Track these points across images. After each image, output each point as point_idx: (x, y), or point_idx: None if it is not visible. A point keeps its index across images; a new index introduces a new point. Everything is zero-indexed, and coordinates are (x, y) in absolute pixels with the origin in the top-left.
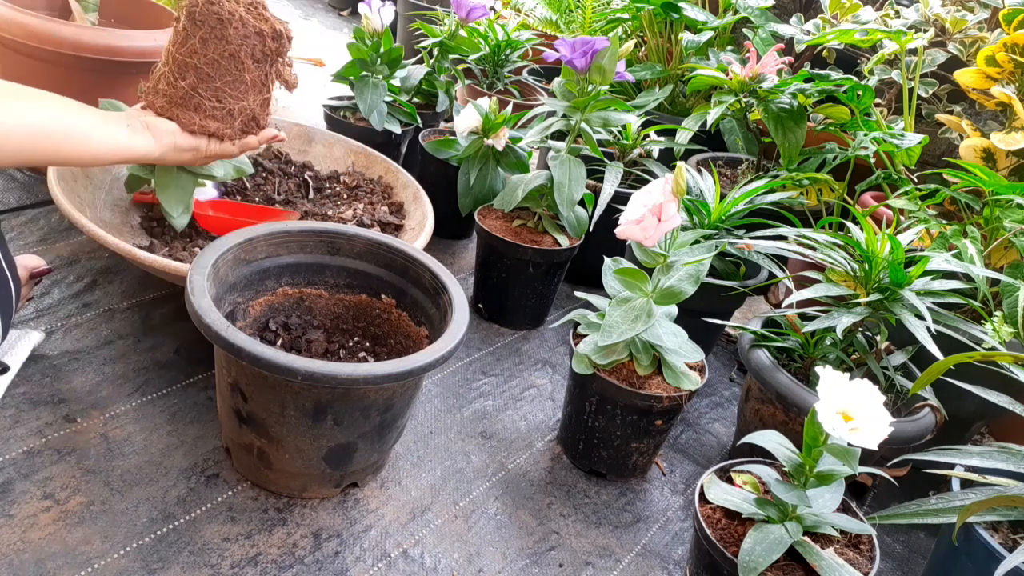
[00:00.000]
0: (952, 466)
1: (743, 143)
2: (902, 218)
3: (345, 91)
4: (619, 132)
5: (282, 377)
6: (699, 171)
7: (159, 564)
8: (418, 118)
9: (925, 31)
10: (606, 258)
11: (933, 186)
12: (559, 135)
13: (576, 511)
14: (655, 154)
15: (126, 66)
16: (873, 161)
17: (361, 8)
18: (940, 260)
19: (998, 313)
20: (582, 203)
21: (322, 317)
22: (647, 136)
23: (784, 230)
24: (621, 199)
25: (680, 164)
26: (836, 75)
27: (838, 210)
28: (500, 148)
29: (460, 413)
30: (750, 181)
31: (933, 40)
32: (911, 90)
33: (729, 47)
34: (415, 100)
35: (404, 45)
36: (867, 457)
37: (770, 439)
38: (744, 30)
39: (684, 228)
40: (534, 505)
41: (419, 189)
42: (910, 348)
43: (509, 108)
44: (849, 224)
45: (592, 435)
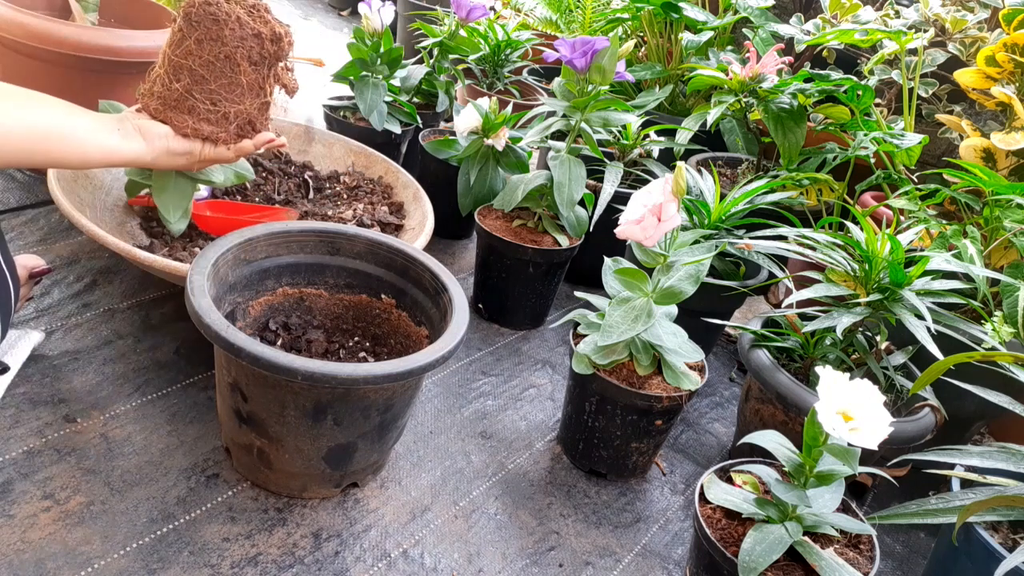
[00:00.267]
0: (952, 466)
1: (743, 143)
2: (902, 218)
3: (345, 91)
4: (619, 132)
5: (282, 377)
6: (699, 171)
7: (159, 564)
8: (418, 118)
9: (925, 31)
10: (606, 258)
11: (933, 186)
12: (559, 135)
13: (576, 511)
14: (655, 154)
15: (126, 66)
16: (873, 161)
17: (361, 8)
18: (940, 260)
19: (998, 313)
20: (582, 203)
21: (322, 317)
22: (647, 136)
23: (784, 230)
24: (621, 199)
25: (680, 164)
26: (836, 75)
27: (838, 210)
28: (500, 148)
29: (460, 413)
30: (750, 181)
31: (933, 40)
32: (911, 90)
33: (729, 47)
34: (415, 100)
35: (404, 45)
36: (867, 457)
37: (770, 439)
38: (744, 30)
39: (684, 228)
40: (534, 505)
41: (419, 189)
42: (910, 348)
43: (509, 108)
44: (849, 224)
45: (592, 435)
